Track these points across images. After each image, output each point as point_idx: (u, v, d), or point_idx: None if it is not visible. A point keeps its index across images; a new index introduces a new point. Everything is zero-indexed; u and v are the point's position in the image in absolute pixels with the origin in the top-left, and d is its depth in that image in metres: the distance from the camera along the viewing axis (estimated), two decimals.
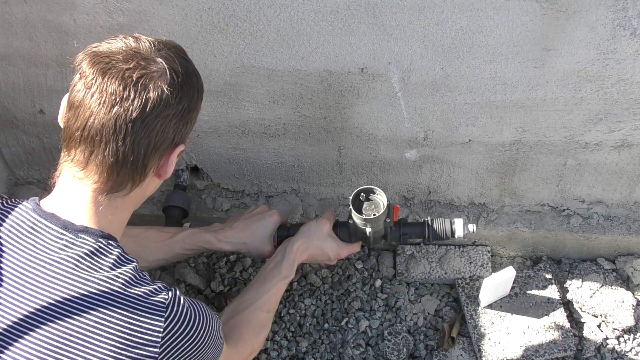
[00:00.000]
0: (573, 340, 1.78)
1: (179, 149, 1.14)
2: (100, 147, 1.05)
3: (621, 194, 1.89)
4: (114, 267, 1.08)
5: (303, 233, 1.58)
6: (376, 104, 1.66)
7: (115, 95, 1.03)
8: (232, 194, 1.96)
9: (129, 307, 1.05)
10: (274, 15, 1.45)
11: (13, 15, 1.51)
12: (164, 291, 1.10)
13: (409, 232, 1.66)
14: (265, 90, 1.64)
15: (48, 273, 1.05)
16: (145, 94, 1.04)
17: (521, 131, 1.71)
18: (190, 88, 1.12)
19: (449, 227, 1.64)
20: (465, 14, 1.43)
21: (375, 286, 1.94)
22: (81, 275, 1.05)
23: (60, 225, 1.08)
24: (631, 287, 1.89)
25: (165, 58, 1.08)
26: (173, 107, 1.08)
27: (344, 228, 1.65)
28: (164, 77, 1.06)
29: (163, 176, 1.16)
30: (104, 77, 1.04)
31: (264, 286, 1.50)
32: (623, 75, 1.54)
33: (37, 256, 1.06)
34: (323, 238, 1.59)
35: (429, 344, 1.83)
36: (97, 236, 1.09)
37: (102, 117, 1.03)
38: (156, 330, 1.06)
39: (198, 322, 1.11)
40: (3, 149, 1.87)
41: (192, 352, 1.12)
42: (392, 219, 1.57)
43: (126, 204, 1.14)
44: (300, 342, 1.84)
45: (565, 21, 1.43)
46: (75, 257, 1.06)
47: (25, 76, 1.65)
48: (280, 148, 1.81)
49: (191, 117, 1.14)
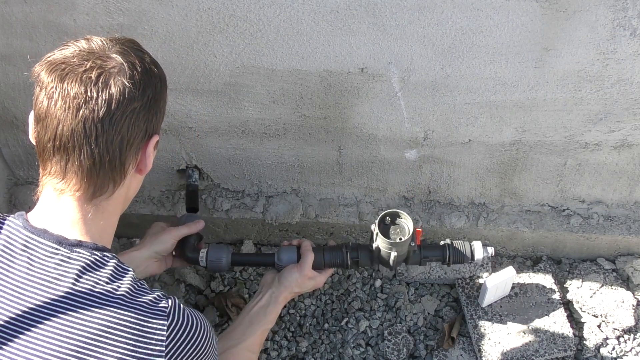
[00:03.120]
0: (573, 340, 1.78)
1: (153, 140, 1.14)
2: (74, 153, 1.04)
3: (621, 194, 1.89)
4: (113, 278, 1.07)
5: (286, 286, 1.58)
6: (376, 104, 1.66)
7: (78, 99, 1.02)
8: (232, 194, 1.96)
9: (132, 313, 1.05)
10: (274, 15, 1.45)
11: (13, 15, 1.50)
12: (164, 299, 1.09)
13: (429, 256, 1.65)
14: (265, 90, 1.64)
15: (48, 291, 1.03)
16: (108, 91, 1.03)
17: (521, 131, 1.71)
18: (151, 77, 1.11)
19: (469, 249, 1.64)
20: (465, 14, 1.43)
21: (375, 286, 1.94)
22: (82, 289, 1.04)
23: (53, 241, 1.06)
24: (631, 287, 1.89)
25: (120, 53, 1.07)
26: (138, 100, 1.07)
27: (365, 252, 1.63)
28: (122, 72, 1.05)
29: (144, 170, 1.15)
30: (64, 83, 1.02)
31: (250, 328, 1.52)
32: (623, 75, 1.54)
33: (34, 274, 1.04)
34: (304, 285, 1.60)
35: (429, 344, 1.83)
36: (92, 249, 1.08)
37: (70, 123, 1.02)
38: (160, 334, 1.06)
39: (199, 329, 1.11)
40: (3, 149, 1.87)
41: (198, 356, 1.12)
42: (416, 242, 1.57)
43: (111, 206, 1.12)
44: (300, 342, 1.84)
45: (565, 21, 1.43)
46: (73, 272, 1.05)
47: (25, 76, 1.65)
48: (280, 148, 1.81)
49: (159, 106, 1.14)
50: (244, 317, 1.55)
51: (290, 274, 1.58)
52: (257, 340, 1.52)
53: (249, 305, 1.58)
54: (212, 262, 1.61)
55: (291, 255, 1.62)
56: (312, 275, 1.60)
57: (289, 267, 1.60)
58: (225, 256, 1.62)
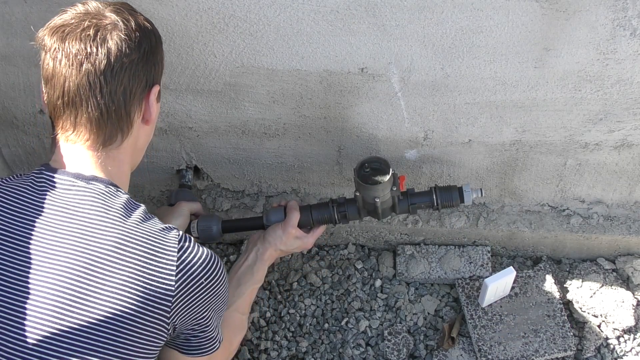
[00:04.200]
0: (573, 340, 1.78)
1: (155, 90, 1.22)
2: (82, 106, 1.13)
3: (621, 194, 1.89)
4: (126, 208, 1.16)
5: (270, 242, 1.62)
6: (376, 104, 1.66)
7: (80, 55, 1.11)
8: (232, 194, 1.96)
9: (144, 234, 1.14)
10: (274, 16, 1.45)
11: (13, 15, 1.50)
12: (174, 229, 1.18)
13: (417, 202, 1.64)
14: (265, 90, 1.64)
15: (66, 216, 1.12)
16: (106, 46, 1.12)
17: (521, 131, 1.71)
18: (145, 32, 1.20)
19: (456, 193, 1.62)
20: (465, 14, 1.43)
21: (375, 286, 1.94)
22: (97, 212, 1.13)
23: (71, 176, 1.16)
24: (631, 287, 1.89)
25: (114, 12, 1.17)
26: (135, 52, 1.16)
27: (352, 204, 1.66)
28: (117, 27, 1.15)
29: (150, 120, 1.24)
30: (65, 43, 1.12)
31: (239, 289, 1.58)
32: (623, 75, 1.54)
33: (54, 205, 1.13)
34: (289, 243, 1.63)
35: (429, 344, 1.83)
36: (107, 183, 1.17)
37: (75, 78, 1.12)
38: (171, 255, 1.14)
39: (210, 258, 1.19)
40: (3, 149, 1.87)
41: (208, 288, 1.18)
42: (398, 187, 1.58)
43: (122, 155, 1.21)
44: (300, 342, 1.84)
45: (565, 21, 1.43)
46: (90, 199, 1.14)
47: (25, 76, 1.65)
48: (280, 148, 1.81)
49: (157, 59, 1.23)
50: (231, 278, 1.59)
51: (275, 231, 1.62)
52: (247, 300, 1.58)
53: (236, 265, 1.62)
54: (203, 230, 1.65)
55: (279, 215, 1.66)
56: (298, 234, 1.63)
57: (274, 225, 1.64)
58: (216, 224, 1.66)
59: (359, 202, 1.63)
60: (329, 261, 1.99)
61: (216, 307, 1.24)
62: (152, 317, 1.11)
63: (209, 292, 1.19)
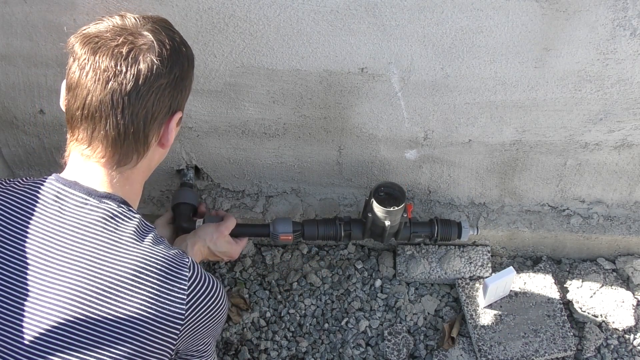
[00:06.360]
0: (573, 340, 1.78)
1: (177, 116, 1.19)
2: (100, 122, 1.09)
3: (621, 194, 1.89)
4: (139, 230, 1.13)
5: (200, 236, 1.59)
6: (376, 104, 1.66)
7: (108, 72, 1.07)
8: (232, 194, 1.96)
9: (158, 261, 1.11)
10: (274, 15, 1.45)
11: (13, 15, 1.50)
12: (186, 255, 1.16)
13: (419, 231, 1.74)
14: (265, 90, 1.64)
15: (77, 236, 1.09)
16: (137, 67, 1.08)
17: (521, 131, 1.71)
18: (179, 57, 1.16)
19: (455, 229, 1.75)
20: (465, 14, 1.43)
21: (375, 286, 1.94)
22: (110, 235, 1.10)
23: (83, 192, 1.12)
24: (631, 287, 1.89)
25: (151, 31, 1.13)
26: (165, 77, 1.12)
27: (358, 225, 1.71)
28: (152, 49, 1.10)
29: (166, 145, 1.20)
30: (96, 56, 1.08)
31: None
32: (623, 75, 1.54)
33: (65, 221, 1.10)
34: (219, 243, 1.60)
35: (429, 344, 1.83)
36: (119, 202, 1.14)
37: (98, 94, 1.08)
38: (183, 283, 1.12)
39: (215, 287, 1.18)
40: (3, 149, 1.87)
41: (212, 314, 1.18)
42: (407, 214, 1.66)
43: (135, 175, 1.18)
44: (300, 342, 1.84)
45: (565, 21, 1.43)
46: (101, 219, 1.11)
47: (25, 76, 1.65)
48: (280, 148, 1.81)
49: (185, 85, 1.19)
50: None
51: (207, 227, 1.62)
52: None
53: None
54: None
55: (287, 226, 1.69)
56: (228, 238, 1.62)
57: (207, 223, 1.64)
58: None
59: (368, 224, 1.67)
60: (329, 261, 1.99)
61: (215, 332, 1.23)
62: (162, 341, 1.10)
63: (212, 319, 1.18)
